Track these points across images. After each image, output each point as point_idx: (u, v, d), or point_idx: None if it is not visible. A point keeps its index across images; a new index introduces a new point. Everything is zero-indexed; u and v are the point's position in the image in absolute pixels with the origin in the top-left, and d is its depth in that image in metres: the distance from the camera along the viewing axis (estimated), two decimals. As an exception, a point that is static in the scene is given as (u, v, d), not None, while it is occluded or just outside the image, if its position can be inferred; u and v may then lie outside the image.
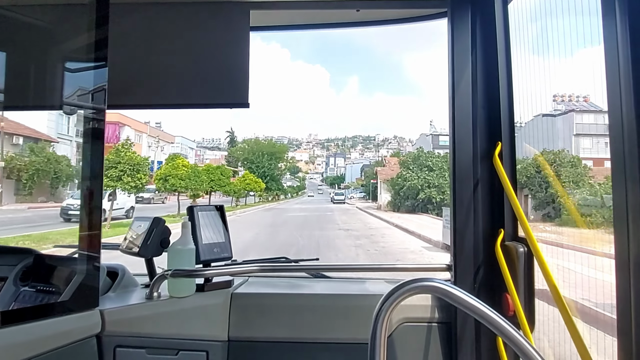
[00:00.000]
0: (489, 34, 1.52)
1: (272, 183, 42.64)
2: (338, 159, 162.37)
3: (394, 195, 27.19)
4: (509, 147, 1.48)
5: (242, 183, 28.45)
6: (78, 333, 1.37)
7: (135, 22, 1.71)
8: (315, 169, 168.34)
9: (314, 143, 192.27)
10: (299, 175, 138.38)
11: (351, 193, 60.08)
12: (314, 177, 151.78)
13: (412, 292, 0.92)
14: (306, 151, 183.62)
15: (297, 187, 78.30)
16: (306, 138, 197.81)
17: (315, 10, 1.83)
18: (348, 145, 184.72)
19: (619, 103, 0.88)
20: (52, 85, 1.68)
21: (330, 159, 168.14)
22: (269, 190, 41.73)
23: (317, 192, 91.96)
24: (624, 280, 0.87)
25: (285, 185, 66.03)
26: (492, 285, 1.50)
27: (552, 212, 8.46)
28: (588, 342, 1.04)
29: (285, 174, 50.24)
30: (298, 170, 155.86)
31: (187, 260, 1.58)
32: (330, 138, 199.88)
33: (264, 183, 36.97)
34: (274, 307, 1.62)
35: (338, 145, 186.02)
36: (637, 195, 0.83)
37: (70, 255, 1.72)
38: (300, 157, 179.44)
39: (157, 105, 1.78)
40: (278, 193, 45.93)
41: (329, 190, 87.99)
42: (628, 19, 0.86)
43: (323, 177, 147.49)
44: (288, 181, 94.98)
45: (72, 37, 1.60)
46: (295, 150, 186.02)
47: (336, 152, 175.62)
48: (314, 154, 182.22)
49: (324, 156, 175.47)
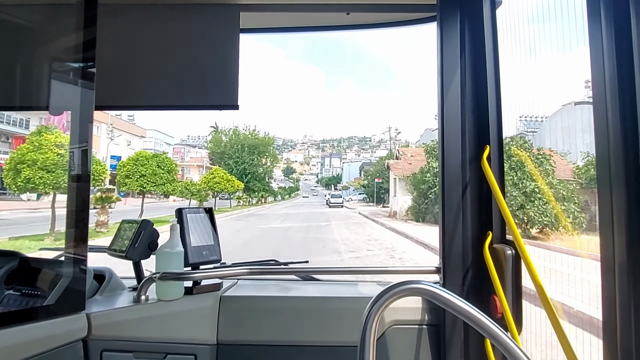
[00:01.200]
0: (478, 39, 1.54)
1: (254, 183, 36.57)
2: (334, 159, 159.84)
3: (416, 197, 19.24)
4: (497, 150, 1.50)
5: (210, 182, 22.88)
6: (64, 337, 1.35)
7: (123, 23, 1.70)
8: (310, 169, 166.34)
9: (309, 144, 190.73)
10: (293, 177, 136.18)
11: (349, 195, 54.95)
12: (309, 178, 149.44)
13: (401, 295, 0.92)
14: (301, 152, 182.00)
15: (289, 188, 75.25)
16: (301, 139, 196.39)
17: (306, 13, 1.83)
18: (344, 145, 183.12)
19: (604, 107, 0.89)
20: (39, 86, 1.66)
21: (325, 159, 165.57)
22: (251, 191, 36.31)
23: (311, 193, 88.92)
24: (609, 282, 0.88)
25: (275, 186, 58.75)
26: (480, 287, 1.51)
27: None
28: (575, 346, 1.05)
29: (272, 172, 43.80)
30: (292, 171, 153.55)
31: (176, 263, 1.57)
32: (325, 139, 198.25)
33: (245, 182, 33.14)
34: (263, 310, 1.61)
35: (334, 146, 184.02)
36: (622, 198, 0.84)
37: (56, 258, 1.70)
38: (295, 158, 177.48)
39: (146, 106, 1.77)
40: (264, 195, 39.50)
41: (325, 192, 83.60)
42: (613, 24, 0.87)
43: (318, 177, 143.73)
44: (281, 182, 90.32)
45: (60, 38, 1.58)
46: (289, 151, 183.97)
47: (331, 153, 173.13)
48: (309, 154, 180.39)
49: (319, 157, 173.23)
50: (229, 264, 1.80)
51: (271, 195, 46.16)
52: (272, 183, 47.51)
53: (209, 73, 1.71)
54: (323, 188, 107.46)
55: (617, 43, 0.86)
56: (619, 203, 0.85)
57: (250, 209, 30.82)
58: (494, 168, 1.47)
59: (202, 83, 1.71)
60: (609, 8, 0.89)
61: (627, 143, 0.84)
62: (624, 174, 0.84)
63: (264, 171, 39.58)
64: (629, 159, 0.84)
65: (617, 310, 0.85)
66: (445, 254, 1.56)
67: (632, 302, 0.82)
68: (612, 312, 0.86)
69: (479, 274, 1.51)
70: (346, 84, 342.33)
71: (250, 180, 36.22)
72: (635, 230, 0.82)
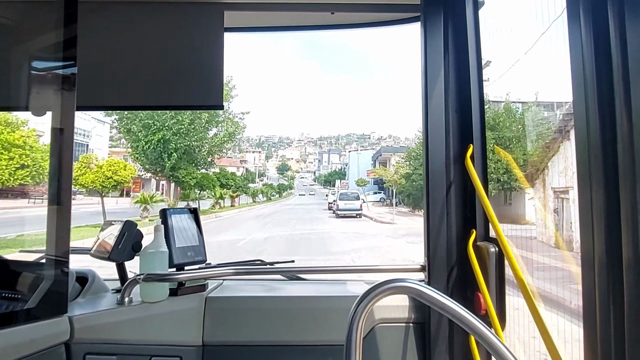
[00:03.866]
0: (461, 38, 1.55)
1: (189, 169, 21.19)
2: (332, 156, 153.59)
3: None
4: (480, 149, 1.51)
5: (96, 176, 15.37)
6: (45, 341, 1.32)
7: (105, 21, 1.67)
8: (307, 167, 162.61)
9: (306, 141, 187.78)
10: (288, 174, 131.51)
11: (362, 193, 32.57)
12: (305, 175, 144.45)
13: (386, 293, 0.92)
14: (297, 149, 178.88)
15: (279, 186, 66.42)
16: (298, 137, 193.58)
17: (291, 12, 1.83)
18: (342, 143, 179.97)
19: (584, 107, 0.90)
20: (18, 86, 1.62)
21: (323, 155, 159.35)
22: (180, 183, 21.19)
23: (308, 192, 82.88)
24: (589, 278, 0.89)
25: (259, 183, 44.42)
26: (464, 284, 1.53)
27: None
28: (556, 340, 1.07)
29: (225, 145, 24.83)
30: (287, 168, 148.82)
31: (160, 264, 1.56)
32: (323, 136, 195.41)
33: (168, 168, 19.89)
34: (249, 310, 1.61)
35: (331, 143, 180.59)
36: (601, 197, 0.86)
37: (37, 261, 1.67)
38: (291, 155, 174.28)
39: (128, 106, 1.76)
40: (226, 193, 25.10)
41: (324, 191, 71.93)
42: (592, 26, 0.89)
43: (315, 175, 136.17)
44: (275, 181, 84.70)
45: (40, 36, 1.55)
46: (285, 149, 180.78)
47: (330, 149, 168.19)
48: (305, 151, 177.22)
49: (317, 153, 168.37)
50: (214, 264, 1.79)
51: (246, 193, 33.19)
52: (264, 179, 35.46)
53: (193, 72, 1.69)
54: (321, 186, 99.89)
55: (596, 44, 0.88)
56: (599, 202, 0.87)
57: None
58: (478, 167, 1.49)
59: (185, 82, 1.70)
60: (587, 10, 0.90)
61: (605, 143, 0.86)
62: (603, 174, 0.86)
63: (215, 145, 23.31)
64: (607, 159, 0.85)
65: (597, 304, 0.87)
66: (430, 252, 1.57)
67: (610, 297, 0.84)
68: (592, 306, 0.88)
69: (463, 271, 1.53)
70: (344, 82, 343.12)
71: (181, 164, 20.59)
72: (613, 228, 0.83)
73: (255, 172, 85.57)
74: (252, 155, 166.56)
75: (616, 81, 0.82)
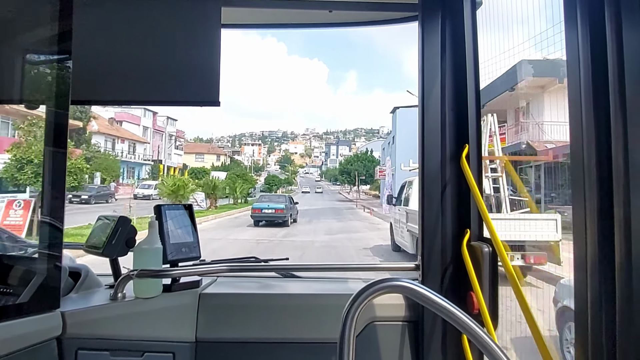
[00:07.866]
0: (458, 38, 1.55)
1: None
2: (342, 148, 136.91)
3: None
4: (476, 149, 1.52)
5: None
6: (37, 336, 1.32)
7: (101, 14, 1.66)
8: (312, 162, 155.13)
9: (311, 135, 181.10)
10: (290, 168, 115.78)
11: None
12: (311, 171, 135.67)
13: (380, 292, 0.92)
14: (302, 143, 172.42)
15: (270, 178, 57.38)
16: (302, 131, 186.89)
17: (288, 10, 1.82)
18: (349, 137, 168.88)
19: (579, 110, 0.91)
20: (11, 79, 1.60)
21: (331, 147, 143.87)
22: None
23: (314, 189, 73.27)
24: (581, 280, 0.90)
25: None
26: (458, 284, 1.53)
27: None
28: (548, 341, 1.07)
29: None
30: (290, 162, 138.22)
31: (154, 260, 1.55)
32: (330, 130, 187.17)
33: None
34: (243, 307, 1.61)
35: (338, 138, 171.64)
36: (594, 199, 0.87)
37: (30, 255, 1.66)
38: (295, 150, 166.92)
39: (124, 101, 1.75)
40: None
41: (333, 187, 63.79)
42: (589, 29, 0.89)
43: (322, 170, 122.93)
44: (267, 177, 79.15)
45: (34, 29, 1.53)
46: (288, 143, 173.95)
47: (338, 140, 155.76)
48: (310, 145, 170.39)
49: (322, 147, 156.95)
50: (209, 261, 1.79)
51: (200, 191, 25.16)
52: (262, 175, 29.07)
53: (190, 68, 1.68)
54: (329, 182, 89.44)
55: (592, 47, 0.88)
56: (592, 204, 0.87)
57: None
58: (473, 167, 1.49)
59: (182, 78, 1.68)
60: (584, 12, 0.90)
61: (600, 146, 0.86)
62: (597, 176, 0.86)
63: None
64: (602, 162, 0.86)
65: (589, 305, 0.87)
66: (424, 252, 1.58)
67: (602, 298, 0.85)
68: (584, 307, 0.89)
69: (457, 271, 1.53)
70: (351, 77, 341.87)
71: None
72: (606, 230, 0.84)
73: (250, 165, 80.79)
74: (250, 148, 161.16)
75: (611, 84, 0.83)
